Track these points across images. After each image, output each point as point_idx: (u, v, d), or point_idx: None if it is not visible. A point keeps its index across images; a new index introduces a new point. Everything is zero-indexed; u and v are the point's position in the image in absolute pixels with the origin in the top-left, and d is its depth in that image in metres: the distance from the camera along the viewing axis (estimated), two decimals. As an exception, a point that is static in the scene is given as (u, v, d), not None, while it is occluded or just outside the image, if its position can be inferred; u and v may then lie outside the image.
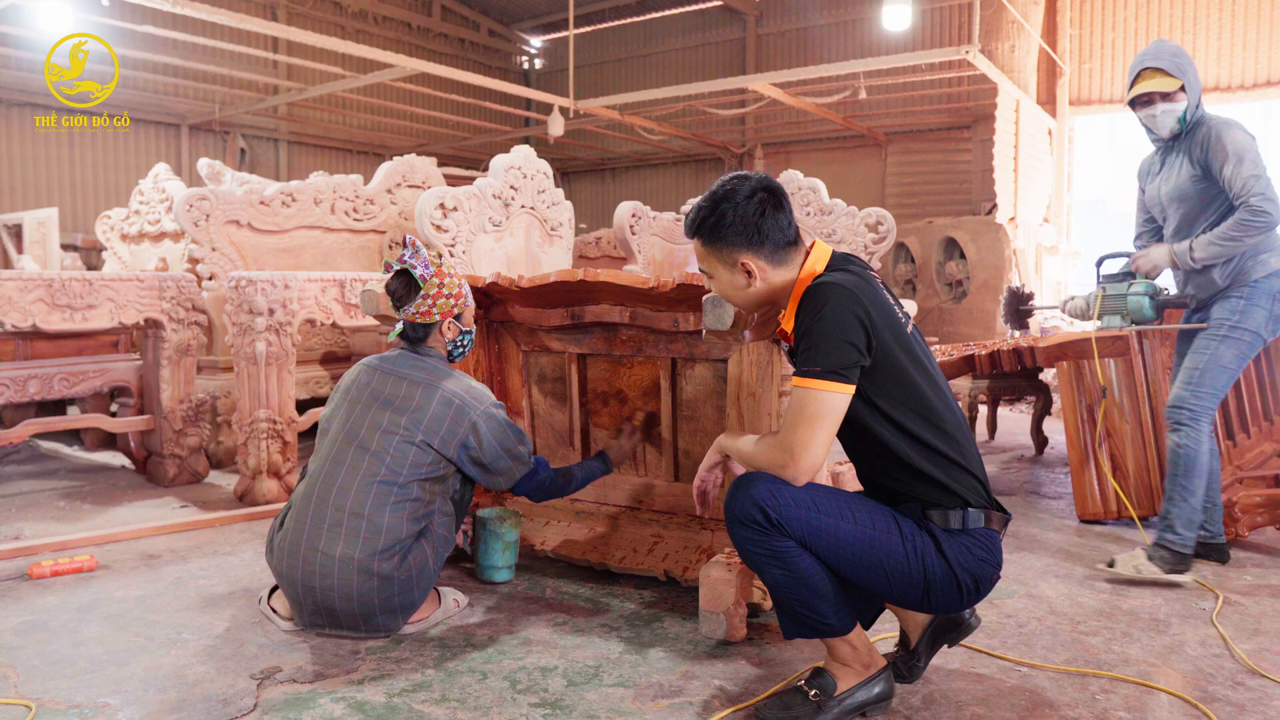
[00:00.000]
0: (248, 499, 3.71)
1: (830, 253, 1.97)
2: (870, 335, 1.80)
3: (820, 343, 1.78)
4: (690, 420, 2.89)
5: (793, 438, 1.79)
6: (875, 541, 1.82)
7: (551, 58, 15.84)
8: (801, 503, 1.80)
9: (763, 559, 1.82)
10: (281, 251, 4.95)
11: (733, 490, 1.85)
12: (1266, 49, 9.23)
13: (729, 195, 1.91)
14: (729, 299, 2.02)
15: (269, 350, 3.70)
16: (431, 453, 2.22)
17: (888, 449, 1.87)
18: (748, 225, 1.89)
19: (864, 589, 1.90)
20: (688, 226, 1.98)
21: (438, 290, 2.37)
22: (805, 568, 1.81)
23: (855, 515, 1.83)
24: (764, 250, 1.91)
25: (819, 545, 1.80)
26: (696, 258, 2.01)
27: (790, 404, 1.82)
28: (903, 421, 1.86)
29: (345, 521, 2.12)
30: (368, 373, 2.36)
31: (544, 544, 2.96)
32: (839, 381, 1.77)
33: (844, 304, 1.80)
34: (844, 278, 1.86)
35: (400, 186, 5.63)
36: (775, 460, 1.82)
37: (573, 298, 2.90)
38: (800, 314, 1.86)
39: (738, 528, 1.82)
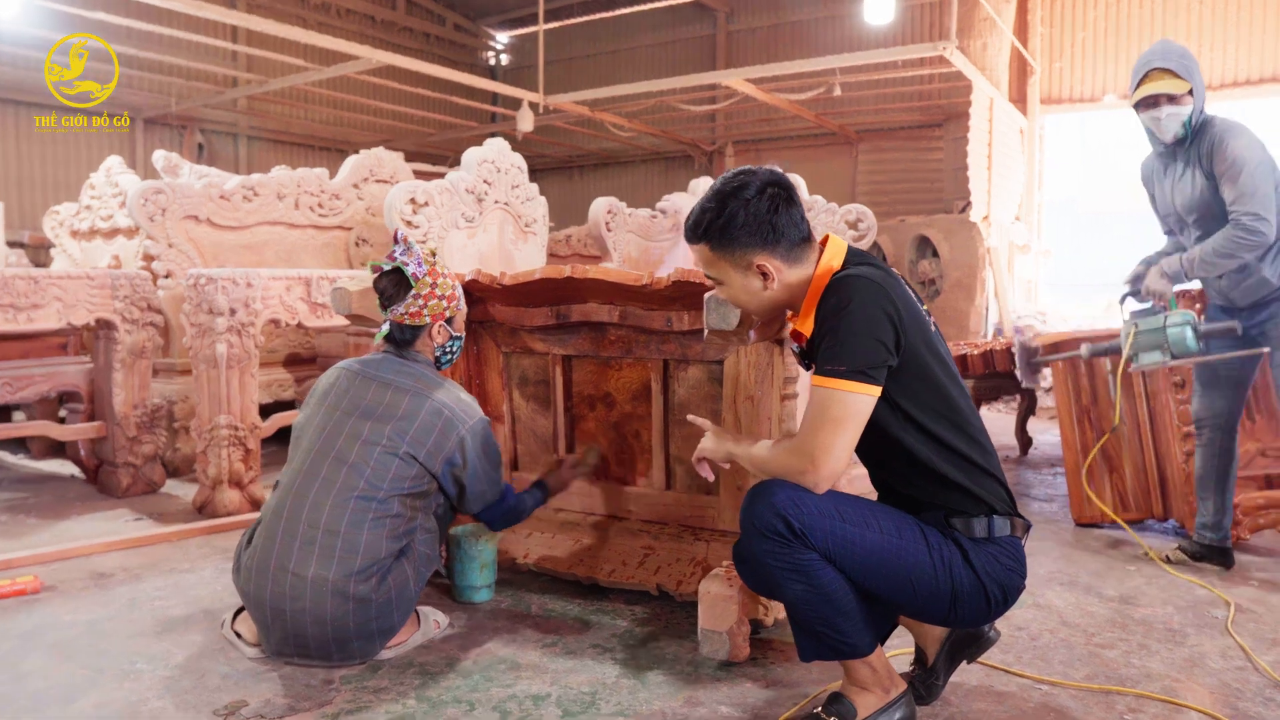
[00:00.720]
0: (207, 510, 3.50)
1: (846, 247, 1.84)
2: (899, 333, 1.68)
3: (846, 340, 1.65)
4: (683, 425, 2.74)
5: (814, 442, 1.65)
6: (902, 552, 1.69)
7: (519, 53, 15.60)
8: (825, 512, 1.66)
9: (784, 574, 1.67)
10: (243, 248, 4.72)
11: (750, 499, 1.71)
12: (1234, 49, 9.30)
13: (737, 192, 1.76)
14: (742, 305, 1.87)
15: (230, 352, 3.49)
16: (415, 466, 2.05)
17: (911, 455, 1.74)
18: (761, 223, 1.75)
19: (885, 603, 1.77)
20: (691, 229, 1.82)
21: (430, 290, 2.20)
22: (829, 583, 1.67)
23: (880, 524, 1.70)
24: (779, 249, 1.77)
25: (843, 557, 1.67)
26: (702, 264, 1.86)
27: (810, 406, 1.69)
28: (928, 425, 1.73)
29: (319, 539, 1.93)
30: (348, 378, 2.17)
31: (526, 557, 2.79)
32: (865, 382, 1.64)
33: (872, 300, 1.67)
34: (870, 272, 1.73)
35: (367, 181, 5.42)
36: (794, 466, 1.68)
37: (558, 296, 2.73)
38: (822, 310, 1.73)
39: (757, 540, 1.68)
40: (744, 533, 1.71)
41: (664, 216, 6.53)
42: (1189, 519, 3.20)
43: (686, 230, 1.85)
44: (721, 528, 2.71)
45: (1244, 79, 9.31)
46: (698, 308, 2.55)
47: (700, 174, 12.79)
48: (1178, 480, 3.24)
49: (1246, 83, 9.29)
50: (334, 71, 8.43)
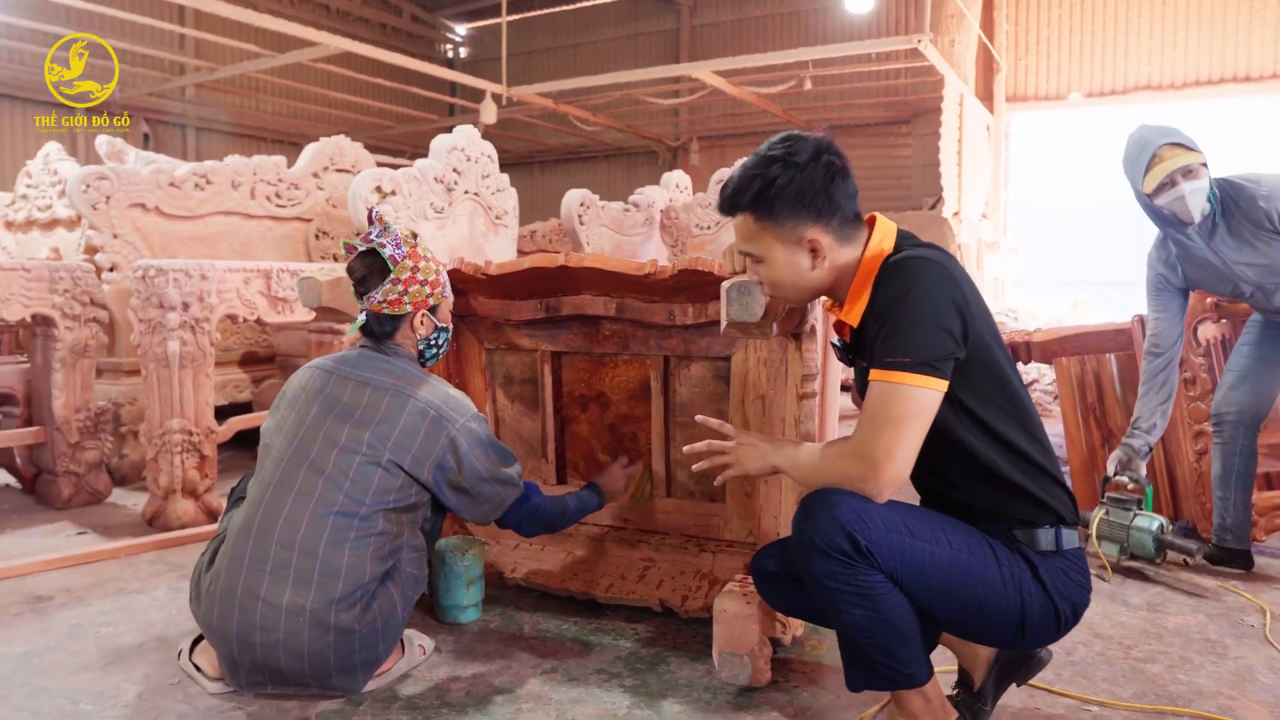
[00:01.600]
0: (159, 523, 3.21)
1: (895, 228, 1.66)
2: (966, 323, 1.50)
3: (910, 330, 1.47)
4: (685, 427, 2.54)
5: (875, 443, 1.46)
6: (971, 570, 1.51)
7: (477, 46, 15.29)
8: (893, 526, 1.48)
9: (845, 597, 1.48)
10: (195, 240, 4.41)
11: (806, 511, 1.51)
12: (1196, 49, 9.38)
13: (788, 158, 1.57)
14: (784, 287, 1.66)
15: (183, 350, 3.21)
16: (401, 475, 1.81)
17: (974, 458, 1.57)
18: (815, 193, 1.56)
19: (943, 625, 1.59)
20: (731, 197, 1.62)
21: (410, 275, 1.96)
22: (894, 607, 1.48)
23: (950, 539, 1.52)
24: (832, 224, 1.59)
25: (911, 578, 1.48)
26: (741, 238, 1.66)
27: (870, 403, 1.50)
28: (994, 425, 1.56)
29: (294, 562, 1.69)
30: (321, 377, 1.92)
31: (514, 571, 2.57)
32: (932, 375, 1.46)
33: (938, 285, 1.49)
34: (931, 254, 1.55)
35: (328, 170, 5.13)
36: (851, 472, 1.49)
37: (548, 288, 2.52)
38: (879, 296, 1.54)
39: (817, 559, 1.48)
40: (800, 550, 1.51)
41: (637, 210, 6.32)
42: (1201, 520, 3.09)
43: (724, 199, 1.64)
44: (728, 538, 2.52)
45: (1206, 79, 9.40)
46: (703, 299, 2.36)
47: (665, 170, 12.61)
48: (1188, 480, 3.12)
49: (1209, 82, 9.38)
50: (289, 58, 8.08)
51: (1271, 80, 9.14)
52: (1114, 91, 9.76)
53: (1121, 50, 9.68)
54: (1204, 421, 3.09)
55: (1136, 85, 9.63)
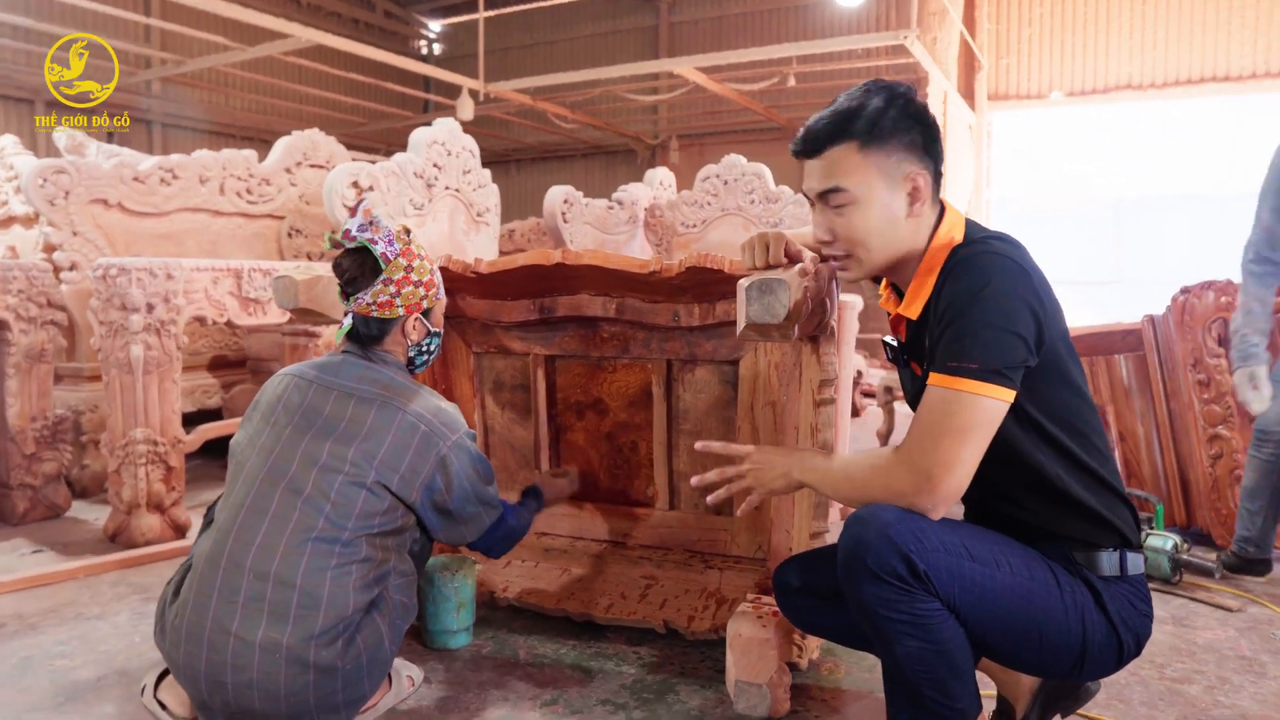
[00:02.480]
0: (122, 539, 3.01)
1: (964, 218, 1.52)
2: (1041, 327, 1.36)
3: (979, 332, 1.33)
4: (690, 436, 2.39)
5: (932, 455, 1.32)
6: (1033, 597, 1.38)
7: (452, 43, 15.04)
8: (951, 547, 1.34)
9: (898, 627, 1.33)
10: (160, 238, 4.19)
11: (856, 530, 1.36)
12: (1176, 49, 9.38)
13: (892, 89, 1.44)
14: (870, 237, 1.47)
15: (147, 355, 3.01)
16: (387, 497, 1.64)
17: (1038, 474, 1.43)
18: (925, 125, 1.43)
19: (997, 655, 1.45)
20: (832, 124, 1.44)
21: (404, 275, 1.79)
22: (950, 639, 1.34)
23: (1010, 561, 1.38)
24: (931, 170, 1.46)
25: (969, 605, 1.34)
26: (833, 173, 1.45)
27: (927, 411, 1.35)
28: (1060, 438, 1.42)
29: (269, 594, 1.51)
30: (299, 387, 1.74)
31: (505, 591, 2.40)
32: (1001, 385, 1.32)
33: (1013, 285, 1.35)
34: (1006, 248, 1.41)
35: (301, 165, 4.93)
36: (902, 486, 1.35)
37: (542, 287, 2.36)
38: (945, 293, 1.39)
39: (868, 584, 1.33)
40: (848, 573, 1.36)
41: (621, 208, 6.16)
42: (1216, 526, 2.99)
43: (814, 133, 1.46)
44: (735, 553, 2.37)
45: (1186, 79, 9.40)
46: (710, 299, 2.21)
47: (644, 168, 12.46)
48: (1202, 485, 3.02)
49: (1189, 82, 9.38)
50: (259, 51, 7.83)
51: (1250, 80, 9.15)
52: (1095, 91, 9.74)
53: (1102, 50, 9.66)
54: (1218, 424, 2.99)
55: (1117, 85, 9.61)
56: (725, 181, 5.92)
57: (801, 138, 1.52)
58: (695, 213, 6.00)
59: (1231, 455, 2.96)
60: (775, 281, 1.60)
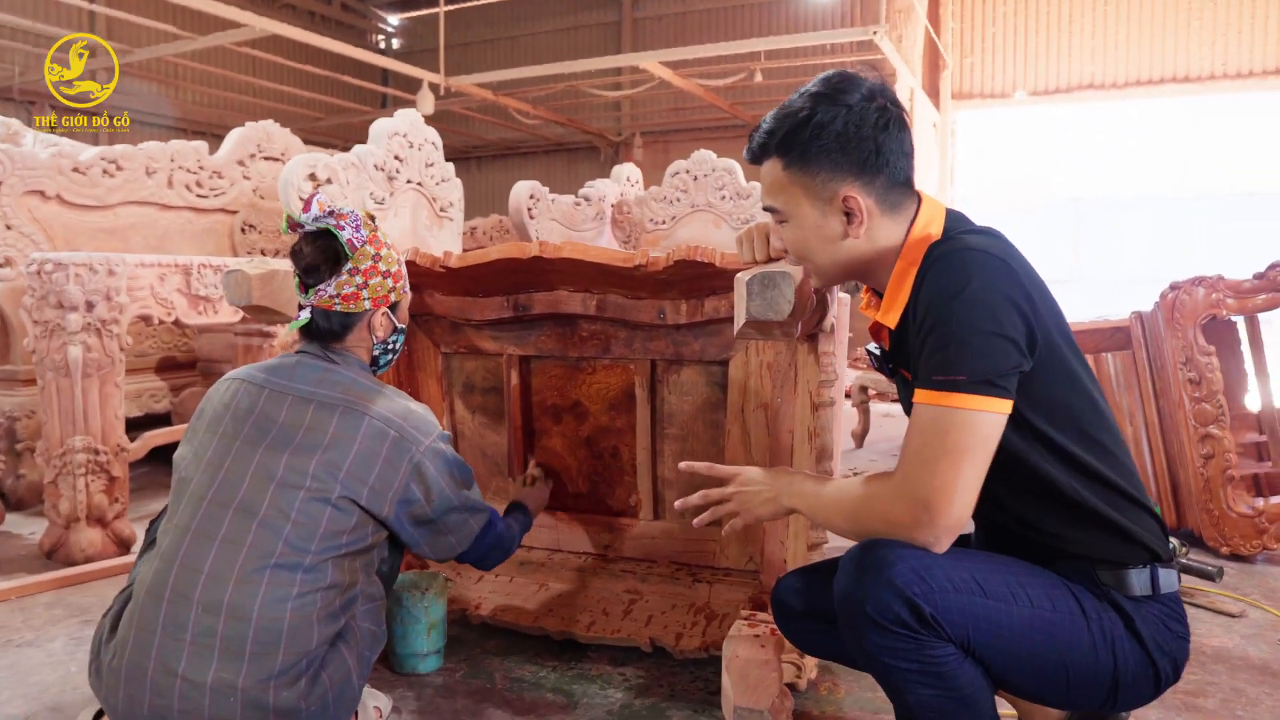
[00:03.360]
0: (60, 555, 2.79)
1: (944, 210, 1.38)
2: (1032, 327, 1.22)
3: (965, 339, 1.19)
4: (675, 440, 2.25)
5: (928, 482, 1.19)
6: (1056, 629, 1.24)
7: (410, 38, 14.76)
8: (961, 584, 1.20)
9: (908, 676, 1.20)
10: (104, 233, 3.95)
11: (855, 570, 1.22)
12: (1137, 50, 9.46)
13: (836, 96, 1.30)
14: (808, 257, 1.40)
15: (87, 356, 2.79)
16: (355, 513, 1.47)
17: (1050, 488, 1.30)
18: (861, 140, 1.29)
19: (1020, 693, 1.33)
20: (763, 138, 1.35)
21: (371, 264, 1.61)
22: (968, 684, 1.21)
23: (1028, 593, 1.25)
24: (877, 184, 1.32)
25: (986, 645, 1.21)
26: (765, 189, 1.39)
27: (918, 432, 1.22)
28: (1070, 446, 1.29)
29: (221, 629, 1.34)
30: (249, 392, 1.55)
31: (479, 607, 2.24)
32: (994, 395, 1.19)
33: (997, 282, 1.21)
34: (986, 242, 1.27)
35: (255, 158, 4.69)
36: (899, 518, 1.21)
37: (517, 283, 2.20)
38: (922, 295, 1.26)
39: (870, 633, 1.19)
40: (849, 620, 1.22)
41: (588, 204, 6.01)
42: (1206, 528, 2.93)
43: (754, 141, 1.37)
44: (724, 565, 2.24)
45: (1146, 79, 9.49)
46: (699, 295, 2.07)
47: (607, 165, 12.31)
48: (1193, 486, 2.96)
49: (1149, 82, 9.47)
50: (210, 41, 7.55)
51: (1209, 81, 9.26)
52: (1058, 90, 9.79)
53: (1065, 50, 9.72)
54: (1210, 424, 2.93)
55: (1080, 84, 9.68)
56: (695, 177, 5.80)
57: (747, 144, 1.42)
58: (664, 209, 5.87)
59: (1223, 455, 2.90)
60: (779, 275, 1.47)
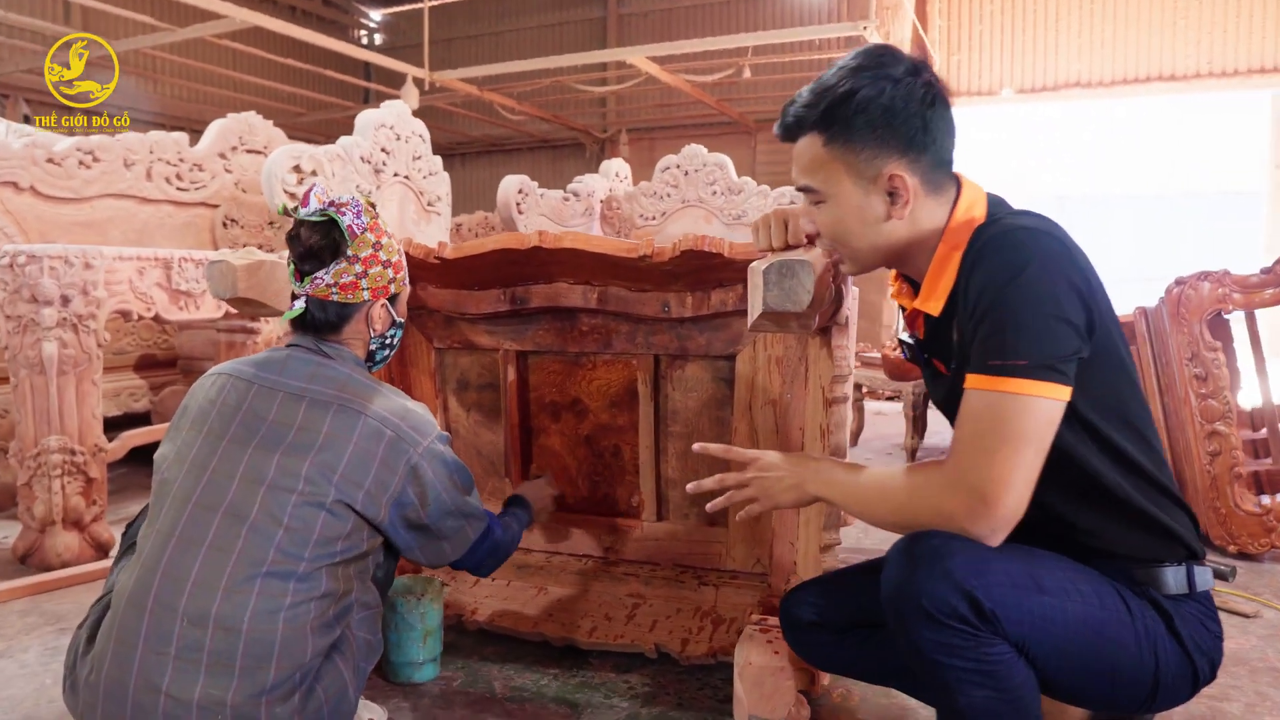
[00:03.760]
0: (35, 560, 2.68)
1: (985, 193, 1.33)
2: (1092, 312, 1.17)
3: (1026, 322, 1.14)
4: (679, 439, 2.17)
5: (985, 471, 1.13)
6: (1105, 628, 1.19)
7: (393, 33, 14.59)
8: (1018, 579, 1.14)
9: (962, 676, 1.13)
10: (80, 226, 3.83)
11: (906, 563, 1.16)
12: (1123, 48, 9.46)
13: (880, 69, 1.23)
14: (848, 238, 1.32)
15: (63, 353, 2.68)
16: (350, 518, 1.38)
17: (1094, 482, 1.24)
18: (909, 116, 1.22)
19: (1062, 693, 1.26)
20: (801, 111, 1.28)
21: (372, 253, 1.52)
22: (1022, 684, 1.15)
23: (1080, 588, 1.20)
24: (922, 163, 1.26)
25: (1040, 644, 1.15)
26: (801, 167, 1.31)
27: (972, 420, 1.16)
28: (1115, 439, 1.24)
29: (209, 642, 1.24)
30: (236, 388, 1.46)
31: (475, 613, 2.16)
32: (1055, 381, 1.13)
33: (1057, 263, 1.16)
34: (1041, 223, 1.22)
35: (237, 150, 4.58)
36: (952, 509, 1.15)
37: (514, 275, 2.12)
38: (976, 278, 1.20)
39: (926, 629, 1.13)
40: (900, 616, 1.16)
41: (576, 200, 5.93)
42: (1214, 526, 2.88)
43: (789, 116, 1.30)
44: (731, 568, 2.16)
45: (1133, 77, 9.49)
46: (705, 287, 1.99)
47: (593, 162, 12.22)
48: (1200, 484, 2.91)
49: (1136, 81, 9.47)
50: (190, 32, 7.38)
51: (1194, 80, 9.27)
52: (1045, 88, 9.79)
53: (1052, 48, 9.72)
54: (1216, 420, 2.88)
55: (1067, 82, 9.67)
56: (686, 172, 5.72)
57: (779, 120, 1.35)
58: (654, 204, 5.79)
59: (1230, 452, 2.85)
60: (798, 263, 1.40)
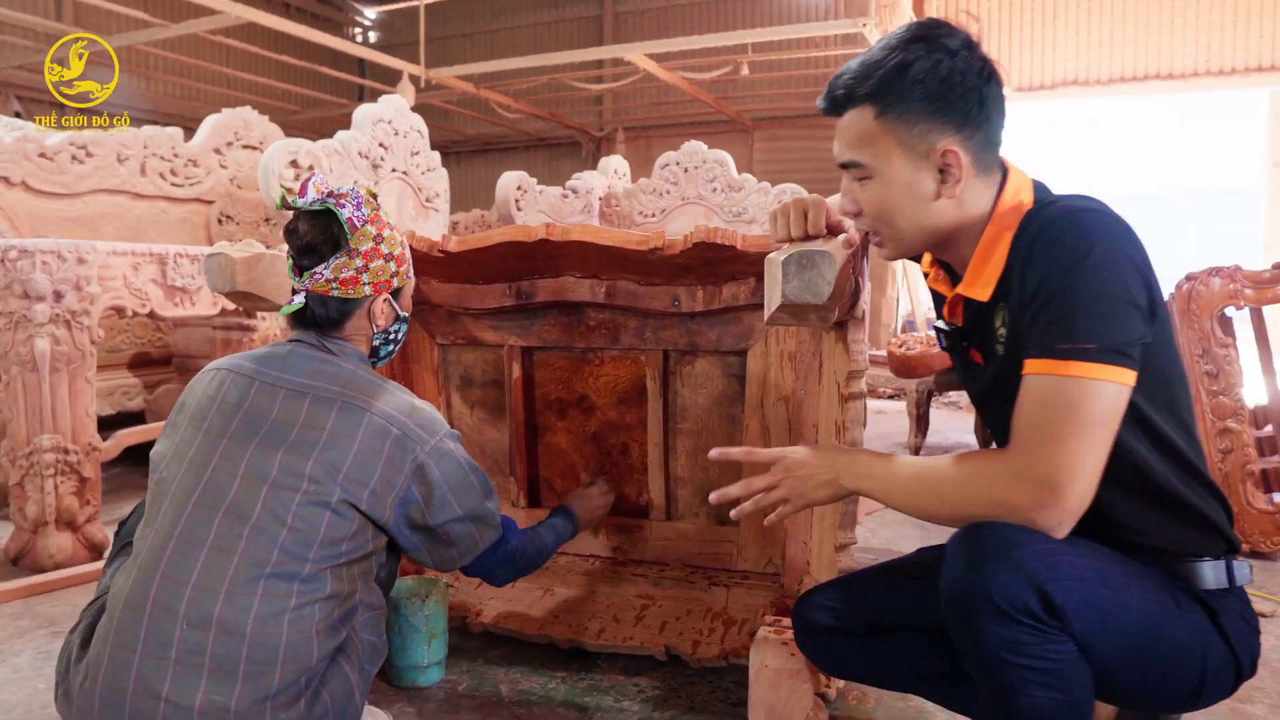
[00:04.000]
0: (27, 562, 2.62)
1: (1030, 178, 1.29)
2: (1154, 295, 1.15)
3: (1094, 305, 1.10)
4: (688, 436, 2.13)
5: (1054, 459, 1.08)
6: (1162, 624, 1.15)
7: (388, 31, 14.52)
8: (1084, 573, 1.10)
9: (1026, 675, 1.08)
10: (72, 222, 3.77)
11: (969, 555, 1.11)
12: (1121, 46, 9.45)
13: (935, 41, 1.19)
14: (891, 219, 1.28)
15: (55, 350, 2.62)
16: (356, 518, 1.33)
17: (1140, 474, 1.21)
18: (967, 90, 1.18)
19: (1112, 693, 1.22)
20: (845, 85, 1.24)
21: (373, 246, 1.47)
22: (1081, 687, 1.11)
23: (1138, 583, 1.16)
24: (975, 140, 1.22)
25: (1103, 640, 1.11)
26: (849, 142, 1.26)
27: (1037, 406, 1.12)
28: (1164, 429, 1.21)
29: (211, 646, 1.19)
30: (237, 384, 1.40)
31: (479, 614, 2.11)
32: (1123, 366, 1.10)
33: (1123, 245, 1.13)
34: (1099, 205, 1.20)
35: (232, 146, 4.52)
36: (1019, 500, 1.11)
37: (520, 268, 2.07)
38: (1036, 262, 1.16)
39: (994, 625, 1.08)
40: (964, 612, 1.11)
41: (575, 197, 5.88)
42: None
43: (838, 89, 1.25)
44: (742, 568, 2.12)
45: (1130, 76, 9.47)
46: (717, 280, 1.95)
47: (589, 161, 12.17)
48: (1211, 482, 2.88)
49: (1133, 79, 9.46)
50: (183, 29, 7.31)
51: (1192, 78, 9.27)
52: (1042, 86, 9.76)
53: (1049, 46, 9.70)
54: (1228, 417, 2.85)
55: (1064, 80, 9.65)
56: (686, 169, 5.68)
57: (824, 93, 1.30)
58: (654, 201, 5.75)
59: (1242, 450, 2.82)
60: (818, 254, 1.35)
